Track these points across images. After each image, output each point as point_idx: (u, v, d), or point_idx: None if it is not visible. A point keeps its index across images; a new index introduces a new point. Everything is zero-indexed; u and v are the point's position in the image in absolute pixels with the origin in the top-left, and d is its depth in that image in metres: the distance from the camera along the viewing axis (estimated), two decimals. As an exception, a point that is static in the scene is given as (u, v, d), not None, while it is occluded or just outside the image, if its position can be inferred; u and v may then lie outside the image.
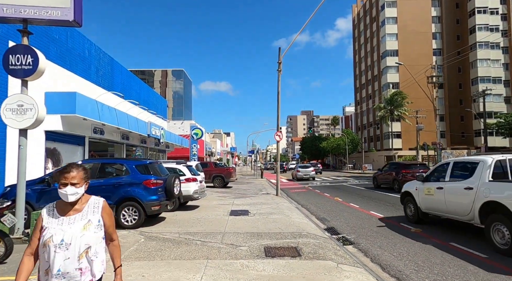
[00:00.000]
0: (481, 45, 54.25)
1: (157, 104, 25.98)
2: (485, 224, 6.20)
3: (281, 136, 16.40)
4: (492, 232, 6.03)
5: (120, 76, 18.03)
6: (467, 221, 6.96)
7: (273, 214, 9.95)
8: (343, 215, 10.53)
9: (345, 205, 12.68)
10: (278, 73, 16.27)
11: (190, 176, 10.63)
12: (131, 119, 16.34)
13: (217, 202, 12.98)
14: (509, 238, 5.68)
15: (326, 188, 20.78)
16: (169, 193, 8.26)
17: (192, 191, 10.47)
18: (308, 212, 11.49)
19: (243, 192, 17.39)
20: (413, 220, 8.73)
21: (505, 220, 5.72)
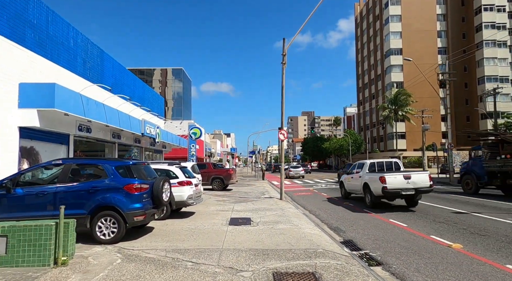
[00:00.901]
0: (487, 43, 52.96)
1: (153, 101, 24.65)
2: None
3: (285, 134, 15.06)
4: (366, 197, 12.60)
5: (111, 70, 16.70)
6: (360, 195, 13.43)
7: (280, 223, 8.59)
8: (359, 224, 9.17)
9: (358, 211, 11.32)
10: (283, 66, 14.94)
11: (184, 179, 9.29)
12: (122, 116, 15.00)
13: (215, 208, 11.62)
14: (369, 200, 12.15)
15: (333, 191, 19.42)
16: (157, 200, 6.91)
17: (186, 196, 9.12)
18: (318, 219, 10.14)
19: (244, 196, 16.05)
20: (343, 197, 15.31)
21: (367, 190, 12.37)
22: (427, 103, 51.62)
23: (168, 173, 9.42)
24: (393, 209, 11.53)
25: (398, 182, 11.11)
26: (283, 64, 14.94)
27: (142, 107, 18.95)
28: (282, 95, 15.06)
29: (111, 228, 6.30)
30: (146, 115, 20.04)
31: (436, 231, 7.94)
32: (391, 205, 12.59)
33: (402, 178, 11.17)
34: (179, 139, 27.85)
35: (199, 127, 28.98)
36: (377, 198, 11.77)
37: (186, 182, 9.25)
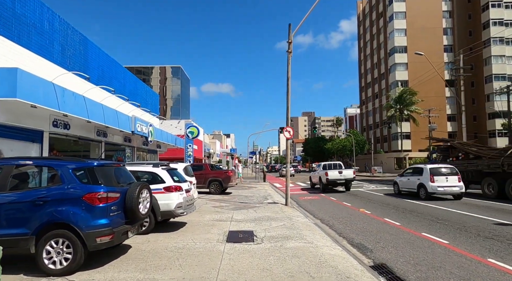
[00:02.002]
0: (495, 40, 51.34)
1: (147, 98, 22.97)
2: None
3: (291, 132, 13.38)
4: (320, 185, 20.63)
5: (96, 61, 15.02)
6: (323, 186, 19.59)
7: (290, 240, 6.90)
8: (386, 238, 7.48)
9: (379, 221, 9.63)
10: (288, 55, 13.28)
11: (172, 183, 7.59)
12: (108, 111, 13.30)
13: (211, 217, 9.92)
14: (321, 187, 20.25)
15: (341, 195, 17.73)
16: (131, 213, 5.23)
17: (175, 205, 7.43)
18: (334, 232, 8.45)
19: (245, 201, 14.35)
20: (322, 189, 20.05)
21: (320, 181, 20.63)
22: (432, 103, 49.97)
23: (154, 177, 7.72)
24: (423, 221, 9.83)
25: (335, 175, 19.24)
26: (288, 52, 13.28)
27: (131, 101, 17.26)
28: (287, 88, 13.40)
29: (63, 253, 4.61)
30: (137, 111, 18.35)
31: (491, 251, 6.25)
32: (421, 216, 10.88)
33: (337, 172, 19.30)
34: (176, 138, 26.14)
35: (197, 126, 27.28)
36: (325, 185, 19.74)
37: (174, 188, 7.56)
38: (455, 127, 56.65)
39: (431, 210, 11.33)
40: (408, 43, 55.70)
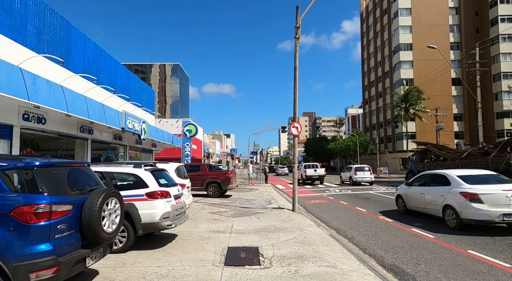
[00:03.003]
0: (504, 37, 49.84)
1: (141, 93, 21.45)
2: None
3: (299, 128, 11.86)
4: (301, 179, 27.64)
5: (82, 50, 13.51)
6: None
7: (306, 261, 5.38)
8: (425, 257, 5.96)
9: (407, 232, 8.10)
10: (296, 41, 11.76)
11: (157, 188, 6.06)
12: (92, 105, 11.80)
13: (207, 227, 8.39)
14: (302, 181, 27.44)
15: (350, 198, 16.21)
16: (90, 232, 3.72)
17: (160, 215, 5.90)
18: (356, 247, 6.93)
19: (247, 205, 12.83)
20: (302, 183, 27.13)
21: (300, 177, 27.34)
22: (438, 102, 48.43)
23: (135, 180, 6.20)
24: (462, 234, 8.29)
25: (311, 172, 27.07)
26: (296, 38, 11.75)
27: (119, 95, 15.74)
28: (295, 79, 11.87)
29: (-22, 298, 3.09)
30: (128, 106, 16.83)
31: None
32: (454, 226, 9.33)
33: (313, 170, 27.14)
34: (172, 137, 24.63)
35: (195, 124, 25.74)
36: (304, 179, 26.90)
37: (160, 194, 6.03)
38: (462, 127, 55.16)
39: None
40: (414, 40, 54.19)
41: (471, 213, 7.79)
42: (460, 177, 8.72)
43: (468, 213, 7.84)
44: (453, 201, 8.31)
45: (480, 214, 7.65)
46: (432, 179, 9.82)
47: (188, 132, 25.06)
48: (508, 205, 7.51)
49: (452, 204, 8.30)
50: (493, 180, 8.52)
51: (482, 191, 7.83)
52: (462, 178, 8.65)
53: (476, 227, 8.06)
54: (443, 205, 8.70)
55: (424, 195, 9.69)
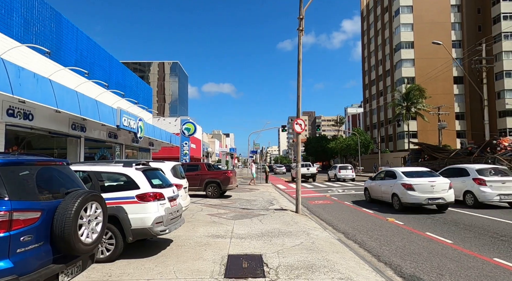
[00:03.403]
0: (506, 35, 49.26)
1: (138, 90, 20.79)
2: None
3: (303, 125, 11.24)
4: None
5: (73, 42, 12.84)
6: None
7: (317, 272, 4.77)
8: (447, 266, 5.35)
9: (422, 237, 7.49)
10: (299, 33, 11.13)
11: (149, 189, 5.43)
12: (85, 101, 11.18)
13: (205, 231, 7.77)
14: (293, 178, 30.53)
15: (354, 198, 15.60)
16: (64, 243, 3.09)
17: (152, 220, 5.28)
18: (368, 253, 6.32)
19: (247, 206, 12.21)
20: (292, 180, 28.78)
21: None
22: (440, 100, 47.89)
23: (125, 180, 5.57)
24: (481, 237, 7.71)
25: (304, 171, 28.27)
26: (299, 30, 11.13)
27: (113, 90, 15.10)
28: (298, 73, 11.26)
29: None
30: (123, 103, 16.20)
31: None
32: (470, 229, 8.75)
33: (306, 169, 29.53)
34: (171, 135, 23.98)
35: (193, 123, 25.16)
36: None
37: (152, 196, 5.40)
38: (464, 126, 54.62)
39: (478, 220, 9.20)
40: (415, 38, 53.60)
41: (408, 198, 10.82)
42: (403, 172, 11.78)
43: (406, 198, 10.88)
44: (397, 190, 11.34)
45: (414, 199, 10.68)
46: (386, 175, 13.02)
47: (187, 131, 24.47)
48: (431, 192, 10.62)
49: (397, 192, 11.35)
50: (425, 175, 11.54)
51: (415, 182, 10.84)
52: (404, 173, 11.69)
53: (411, 208, 11.10)
54: (391, 193, 11.73)
55: (381, 187, 12.84)
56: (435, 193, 10.60)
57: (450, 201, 10.68)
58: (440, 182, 10.85)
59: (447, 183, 10.84)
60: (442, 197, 10.57)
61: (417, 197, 10.58)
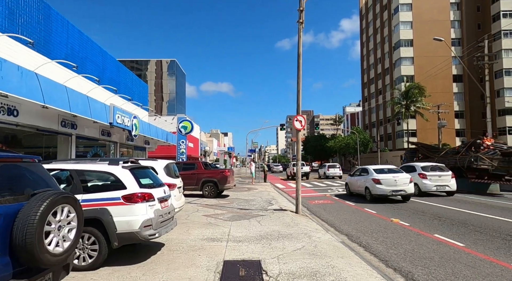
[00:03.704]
0: (506, 33, 48.99)
1: (133, 87, 20.26)
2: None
3: (303, 122, 10.77)
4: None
5: (64, 35, 12.32)
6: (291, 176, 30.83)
7: (321, 280, 4.31)
8: (464, 273, 4.91)
9: (430, 240, 7.04)
10: (299, 26, 10.66)
11: (136, 190, 4.94)
12: (74, 96, 10.67)
13: (200, 233, 7.29)
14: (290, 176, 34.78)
15: (356, 198, 15.16)
16: (25, 254, 2.60)
17: (140, 223, 4.79)
18: (375, 258, 5.87)
19: (245, 207, 11.74)
20: (289, 178, 32.47)
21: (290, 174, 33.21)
22: (439, 99, 47.57)
23: (111, 180, 5.07)
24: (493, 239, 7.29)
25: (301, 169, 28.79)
26: (299, 23, 10.66)
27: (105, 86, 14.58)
28: (298, 67, 10.79)
29: None
30: (116, 100, 15.69)
31: None
32: (473, 228, 8.32)
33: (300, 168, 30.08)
34: (167, 134, 23.49)
35: (190, 121, 24.61)
36: (292, 176, 30.02)
37: (140, 196, 4.92)
38: (463, 124, 54.36)
39: (484, 220, 8.78)
40: (414, 36, 53.27)
41: (376, 190, 13.09)
42: (374, 170, 14.01)
43: (375, 191, 13.16)
44: (369, 184, 13.59)
45: (381, 191, 12.97)
46: (361, 171, 15.11)
47: (184, 129, 23.93)
48: (395, 185, 12.91)
49: (368, 186, 13.59)
50: (391, 171, 13.81)
51: (382, 177, 13.16)
52: (375, 170, 13.92)
53: (379, 199, 13.42)
54: (364, 187, 13.94)
55: (357, 182, 14.97)
56: (398, 186, 12.91)
57: (410, 193, 13.03)
58: (402, 177, 13.19)
59: (408, 178, 13.14)
60: (404, 190, 12.87)
61: (383, 190, 12.91)
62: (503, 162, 15.88)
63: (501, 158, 15.95)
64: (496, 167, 15.84)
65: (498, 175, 16.34)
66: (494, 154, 16.08)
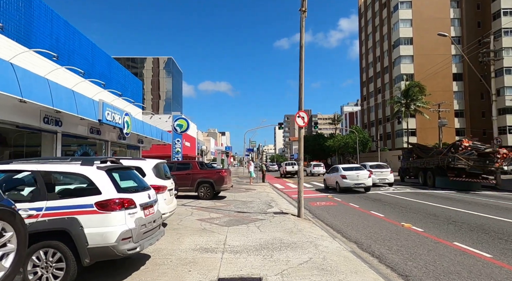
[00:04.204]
0: (506, 31, 48.47)
1: (126, 83, 19.39)
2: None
3: (305, 118, 9.99)
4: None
5: (48, 26, 11.45)
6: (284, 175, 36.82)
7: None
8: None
9: (450, 248, 6.29)
10: (302, 15, 9.87)
11: (113, 195, 4.13)
12: (58, 90, 9.86)
13: (192, 242, 6.49)
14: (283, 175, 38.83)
15: (360, 199, 14.42)
16: None
17: (117, 235, 3.98)
18: (395, 273, 5.10)
19: (243, 209, 10.94)
20: (283, 176, 37.08)
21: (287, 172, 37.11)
22: (439, 98, 46.95)
23: (85, 183, 4.25)
24: (343, 193, 6.61)
25: (290, 168, 35.16)
26: (302, 11, 9.86)
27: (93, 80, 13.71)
28: (300, 59, 10.00)
29: None
30: (106, 95, 14.83)
31: None
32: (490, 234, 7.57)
33: (291, 167, 35.00)
34: (162, 132, 22.64)
35: (186, 119, 23.82)
36: (284, 174, 36.60)
37: (118, 203, 4.11)
38: (463, 124, 53.84)
39: (504, 225, 8.04)
40: (414, 34, 52.65)
41: (343, 184, 16.69)
42: (342, 168, 17.72)
43: (342, 184, 16.76)
44: (338, 179, 17.13)
45: (346, 184, 16.59)
46: (333, 169, 18.85)
47: (179, 127, 23.13)
48: (357, 180, 16.57)
49: (338, 181, 17.15)
50: (355, 169, 17.50)
51: (347, 174, 16.78)
52: (343, 168, 17.59)
53: (346, 190, 16.94)
54: (335, 181, 17.41)
55: (331, 177, 18.43)
56: (360, 180, 16.66)
57: (369, 185, 16.85)
58: (362, 173, 16.89)
59: (367, 174, 16.94)
60: (364, 183, 16.71)
61: (348, 183, 16.61)
62: (478, 161, 17.38)
63: (476, 158, 17.45)
64: (472, 166, 17.35)
65: (475, 173, 17.94)
66: (471, 155, 17.54)
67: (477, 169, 17.66)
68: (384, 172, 20.16)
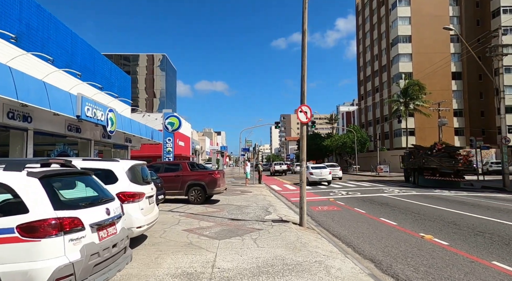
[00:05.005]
0: (506, 29, 47.65)
1: (112, 78, 18.02)
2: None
3: (308, 113, 8.78)
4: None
5: (17, 9, 10.06)
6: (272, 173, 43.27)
7: None
8: None
9: (490, 269, 5.11)
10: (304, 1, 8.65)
11: (48, 215, 2.87)
12: (25, 81, 8.56)
13: (173, 263, 5.22)
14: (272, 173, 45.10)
15: (364, 203, 13.28)
16: None
17: (50, 274, 2.70)
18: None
19: (238, 216, 9.69)
20: (271, 174, 43.75)
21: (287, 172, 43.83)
22: (438, 97, 46.10)
23: (8, 198, 2.98)
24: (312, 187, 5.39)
25: (278, 167, 42.33)
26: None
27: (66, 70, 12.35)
28: (303, 47, 8.79)
29: None
30: (85, 88, 13.48)
31: None
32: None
33: (279, 166, 42.81)
34: (152, 131, 21.31)
35: (178, 116, 22.47)
36: (272, 173, 42.91)
37: (53, 225, 2.84)
38: (462, 123, 53.10)
39: None
40: (413, 32, 51.76)
41: (311, 178, 22.55)
42: (311, 167, 24.16)
43: (310, 179, 22.34)
44: (308, 175, 21.36)
45: (313, 179, 22.77)
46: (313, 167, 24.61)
47: (170, 126, 21.79)
48: (321, 175, 23.03)
49: (308, 176, 21.33)
50: (320, 168, 24.16)
51: (314, 171, 23.23)
52: (312, 167, 24.22)
53: (313, 184, 22.96)
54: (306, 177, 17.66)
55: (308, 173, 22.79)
56: (323, 176, 22.88)
57: (329, 180, 23.13)
58: (324, 170, 23.26)
59: (328, 171, 23.32)
60: (325, 178, 22.95)
61: (314, 178, 22.67)
62: (449, 162, 19.91)
63: (447, 159, 19.92)
64: (442, 166, 19.96)
65: (446, 173, 20.24)
66: (443, 156, 20.01)
67: (448, 169, 20.01)
68: (335, 170, 28.81)
